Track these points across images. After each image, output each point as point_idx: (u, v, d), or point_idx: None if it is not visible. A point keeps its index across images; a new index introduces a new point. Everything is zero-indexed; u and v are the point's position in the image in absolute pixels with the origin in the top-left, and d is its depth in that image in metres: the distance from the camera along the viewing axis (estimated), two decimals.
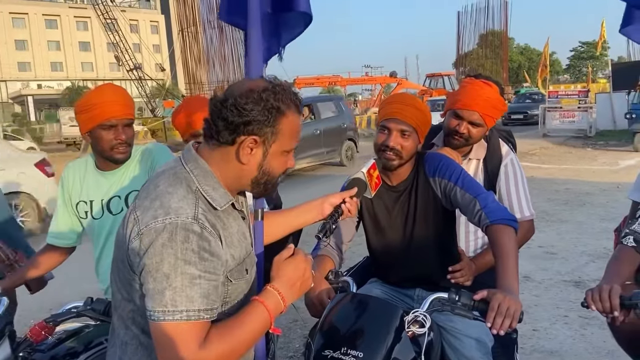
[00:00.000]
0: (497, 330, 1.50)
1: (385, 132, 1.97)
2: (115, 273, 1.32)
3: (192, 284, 1.17)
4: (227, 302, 1.32)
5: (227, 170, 1.32)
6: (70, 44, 65.96)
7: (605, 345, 3.54)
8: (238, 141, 1.27)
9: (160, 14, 72.62)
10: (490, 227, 1.77)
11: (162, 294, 1.16)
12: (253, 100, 1.25)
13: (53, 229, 2.21)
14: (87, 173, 2.18)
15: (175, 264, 1.16)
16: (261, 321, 1.26)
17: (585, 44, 59.74)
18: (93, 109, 2.01)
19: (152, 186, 1.28)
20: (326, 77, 32.78)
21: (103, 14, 32.43)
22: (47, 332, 1.84)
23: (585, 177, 9.70)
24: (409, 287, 2.12)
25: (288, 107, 1.30)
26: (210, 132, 1.29)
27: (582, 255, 5.53)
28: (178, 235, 1.17)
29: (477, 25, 26.56)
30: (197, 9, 19.44)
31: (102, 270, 2.18)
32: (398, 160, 1.95)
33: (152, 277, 1.17)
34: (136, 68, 33.49)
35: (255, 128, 1.26)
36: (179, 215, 1.19)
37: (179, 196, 1.23)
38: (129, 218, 1.25)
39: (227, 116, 1.25)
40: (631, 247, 1.85)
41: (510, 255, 1.68)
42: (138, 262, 1.20)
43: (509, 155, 2.37)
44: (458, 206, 1.92)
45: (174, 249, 1.17)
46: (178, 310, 1.15)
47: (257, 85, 1.28)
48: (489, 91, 2.23)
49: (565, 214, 7.49)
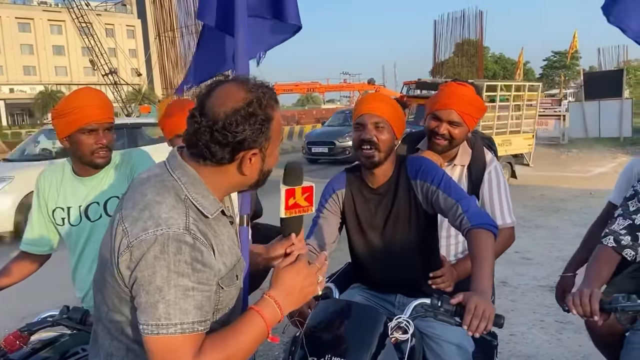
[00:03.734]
0: (472, 333, 1.52)
1: (360, 129, 1.99)
2: (100, 284, 1.28)
3: (185, 296, 1.14)
4: (219, 309, 1.30)
5: (224, 182, 1.29)
6: (43, 47, 64.77)
7: (580, 349, 3.60)
8: (237, 158, 1.25)
9: (136, 18, 71.86)
10: (470, 231, 1.78)
11: (155, 307, 1.13)
12: (242, 119, 1.21)
13: (27, 236, 2.15)
14: (64, 179, 2.13)
15: (168, 276, 1.13)
16: (257, 331, 1.24)
17: (557, 54, 61.11)
18: (72, 113, 1.97)
19: (138, 195, 1.23)
20: (304, 84, 32.88)
21: (78, 17, 32.01)
22: (21, 341, 1.80)
23: (559, 183, 9.90)
24: (389, 292, 2.13)
25: (273, 109, 1.28)
26: (202, 154, 1.25)
27: (557, 260, 5.62)
28: (170, 247, 1.14)
29: (453, 34, 26.89)
30: (175, 14, 19.29)
31: (80, 278, 2.14)
32: (377, 154, 1.96)
33: (144, 291, 1.14)
34: (112, 72, 33.09)
35: (251, 142, 1.24)
36: (170, 226, 1.16)
37: (168, 205, 1.20)
38: (117, 229, 1.20)
39: (220, 140, 1.21)
40: (611, 247, 1.88)
41: (487, 259, 1.70)
42: (129, 275, 1.17)
43: (492, 162, 2.41)
44: (440, 210, 1.93)
45: (166, 261, 1.14)
46: (172, 323, 1.13)
47: (240, 99, 1.23)
48: (464, 90, 2.29)
49: (540, 220, 7.62)
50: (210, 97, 1.25)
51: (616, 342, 2.05)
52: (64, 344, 1.93)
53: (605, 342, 2.20)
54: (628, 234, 1.87)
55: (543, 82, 57.24)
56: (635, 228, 1.87)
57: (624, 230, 1.88)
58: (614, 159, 14.39)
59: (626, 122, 17.43)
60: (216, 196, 1.29)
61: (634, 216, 1.88)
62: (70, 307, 1.87)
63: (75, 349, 1.90)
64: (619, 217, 1.92)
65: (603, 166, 13.15)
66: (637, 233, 1.87)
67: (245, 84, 1.27)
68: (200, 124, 1.22)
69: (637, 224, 1.87)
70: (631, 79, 28.29)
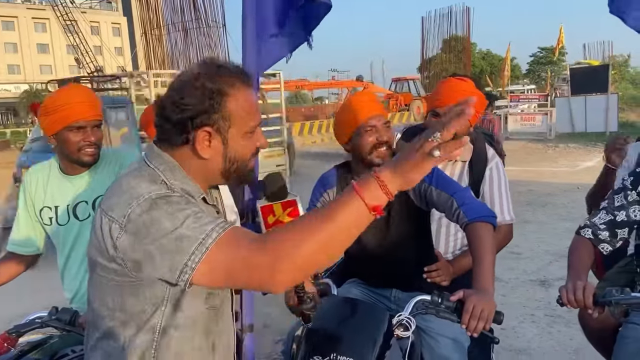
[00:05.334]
0: (470, 333, 1.51)
1: (373, 131, 1.93)
2: (97, 288, 1.24)
3: (197, 217, 1.11)
4: (210, 293, 1.26)
5: (193, 169, 1.25)
6: (27, 46, 63.92)
7: (571, 342, 3.63)
8: (191, 138, 1.20)
9: (122, 16, 71.09)
10: (469, 226, 1.78)
11: (180, 241, 1.08)
12: (189, 92, 1.18)
13: (14, 237, 2.11)
14: (51, 177, 2.08)
15: (173, 215, 1.10)
16: (354, 213, 1.04)
17: (544, 50, 61.51)
18: (60, 111, 1.93)
19: (116, 186, 1.21)
20: (293, 81, 32.75)
21: (62, 15, 31.63)
22: (9, 343, 1.77)
23: (547, 178, 9.97)
24: (385, 287, 2.12)
25: (231, 85, 1.21)
26: (162, 137, 1.23)
27: (546, 254, 5.67)
28: (159, 202, 1.12)
29: (441, 31, 27.02)
30: (161, 12, 19.10)
31: (69, 279, 2.10)
32: (390, 155, 1.94)
33: (159, 248, 1.09)
34: (97, 71, 32.74)
35: (202, 119, 1.19)
36: (151, 191, 1.14)
37: (146, 183, 1.17)
38: (102, 221, 1.17)
39: (170, 116, 1.19)
40: (588, 238, 1.90)
41: (487, 254, 1.69)
42: (133, 254, 1.12)
43: (494, 159, 2.39)
44: (435, 205, 1.92)
45: (162, 210, 1.11)
46: (207, 231, 1.08)
47: (191, 74, 1.20)
48: (464, 85, 2.29)
49: (529, 214, 7.67)
50: (173, 81, 1.24)
51: (608, 336, 2.06)
52: (53, 345, 1.90)
53: (598, 336, 2.21)
54: (607, 230, 1.88)
55: (530, 77, 57.71)
56: (616, 224, 1.88)
57: (604, 226, 1.89)
58: (600, 154, 14.44)
59: (612, 117, 17.57)
60: (199, 185, 1.26)
61: (616, 212, 1.89)
62: (59, 308, 1.84)
63: (64, 350, 1.87)
64: (603, 210, 1.93)
65: (590, 160, 13.26)
66: (617, 230, 1.88)
67: (206, 62, 1.24)
68: (158, 102, 1.21)
69: (618, 220, 1.88)
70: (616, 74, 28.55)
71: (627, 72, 43.74)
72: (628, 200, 1.88)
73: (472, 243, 1.74)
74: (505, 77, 27.13)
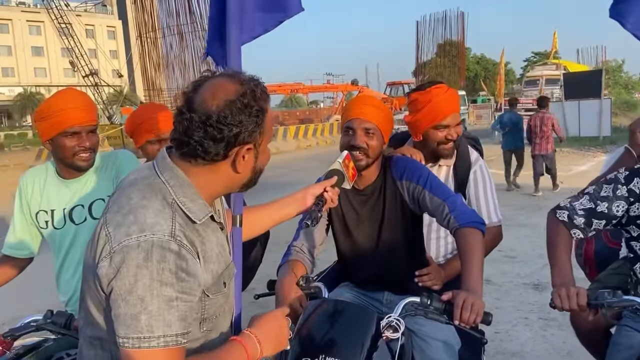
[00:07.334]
0: (464, 324, 1.53)
1: (350, 133, 1.97)
2: (87, 293, 1.22)
3: (169, 306, 1.09)
4: (206, 318, 1.25)
5: (216, 183, 1.25)
6: (22, 48, 63.66)
7: (564, 345, 3.65)
8: (231, 154, 1.21)
9: (117, 19, 70.98)
10: (458, 231, 1.79)
11: (136, 318, 1.07)
12: (238, 111, 1.17)
13: (10, 240, 2.11)
14: (48, 181, 2.09)
15: (151, 285, 1.07)
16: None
17: (537, 54, 61.82)
18: (55, 116, 1.93)
19: (124, 198, 1.18)
20: (288, 85, 32.81)
21: (57, 18, 31.62)
22: (4, 347, 1.77)
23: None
24: (377, 290, 2.13)
25: (265, 101, 1.24)
26: (195, 153, 1.20)
27: (539, 258, 5.68)
28: (154, 255, 1.09)
29: (435, 35, 27.09)
30: (156, 15, 19.09)
31: (64, 282, 2.11)
32: (365, 160, 1.95)
33: (124, 301, 1.08)
34: (92, 74, 32.72)
35: (246, 136, 1.20)
36: (154, 232, 1.11)
37: (154, 210, 1.14)
38: (100, 234, 1.15)
39: (215, 135, 1.17)
40: (561, 220, 1.89)
41: (476, 257, 1.71)
42: (107, 284, 1.10)
43: (478, 161, 2.40)
44: (426, 209, 1.94)
45: (149, 269, 1.08)
46: (155, 336, 1.07)
47: (232, 92, 1.19)
48: (452, 92, 2.29)
49: (522, 218, 7.72)
50: (199, 92, 1.20)
51: (601, 338, 2.08)
52: (48, 349, 1.90)
53: (590, 338, 2.23)
54: (584, 217, 1.86)
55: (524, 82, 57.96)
56: (594, 214, 1.86)
57: (582, 212, 1.87)
58: (594, 158, 14.60)
59: (605, 121, 17.70)
60: (206, 200, 1.25)
61: (599, 202, 1.85)
62: (54, 312, 1.84)
63: (59, 354, 1.87)
64: (586, 195, 1.90)
65: (584, 164, 13.34)
66: (593, 219, 1.86)
67: (236, 76, 1.24)
68: (192, 121, 1.17)
69: (598, 211, 1.85)
70: (609, 79, 28.78)
71: (620, 77, 44.08)
72: (616, 194, 1.84)
73: (461, 248, 1.76)
74: (501, 80, 27.31)
